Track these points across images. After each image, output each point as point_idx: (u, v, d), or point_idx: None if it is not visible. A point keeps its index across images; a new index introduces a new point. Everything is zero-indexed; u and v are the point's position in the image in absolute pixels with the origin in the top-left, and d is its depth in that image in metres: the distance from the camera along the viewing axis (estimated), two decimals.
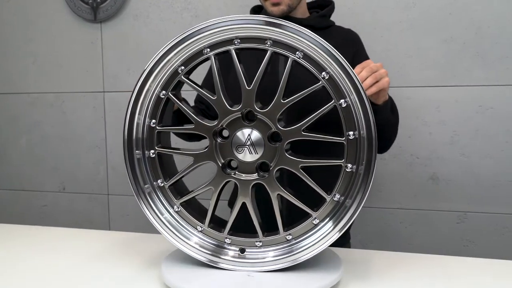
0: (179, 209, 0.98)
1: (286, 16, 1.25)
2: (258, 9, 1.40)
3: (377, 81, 0.94)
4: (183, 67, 0.94)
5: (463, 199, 1.73)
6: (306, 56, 0.87)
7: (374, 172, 0.84)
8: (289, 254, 0.92)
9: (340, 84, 0.86)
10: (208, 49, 0.92)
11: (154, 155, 0.97)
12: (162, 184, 0.98)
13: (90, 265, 1.05)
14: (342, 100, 0.86)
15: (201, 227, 0.97)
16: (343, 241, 1.24)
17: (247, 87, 0.89)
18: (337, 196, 0.89)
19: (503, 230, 1.71)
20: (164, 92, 0.95)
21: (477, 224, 1.73)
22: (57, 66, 2.15)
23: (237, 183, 0.93)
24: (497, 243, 1.72)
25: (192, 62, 0.93)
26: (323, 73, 0.86)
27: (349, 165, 0.87)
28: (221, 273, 0.93)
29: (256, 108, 0.89)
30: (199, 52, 0.92)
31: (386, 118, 1.07)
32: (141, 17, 2.03)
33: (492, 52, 1.65)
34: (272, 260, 0.93)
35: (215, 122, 0.93)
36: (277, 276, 0.90)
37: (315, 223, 0.91)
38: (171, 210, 0.99)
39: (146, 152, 0.98)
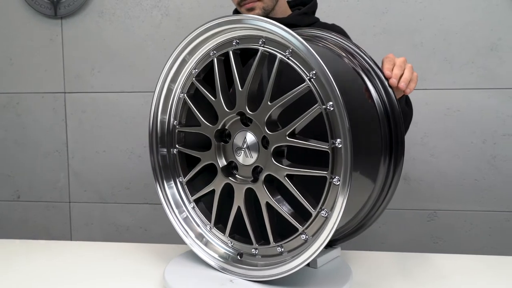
0: (193, 206, 0.98)
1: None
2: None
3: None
4: (196, 70, 0.93)
5: (433, 198, 1.81)
6: (295, 54, 0.79)
7: (351, 183, 0.72)
8: (280, 265, 0.85)
9: (328, 85, 0.74)
10: (214, 51, 0.90)
11: (176, 153, 0.99)
12: (181, 181, 0.99)
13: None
14: (330, 103, 0.74)
15: (210, 227, 0.96)
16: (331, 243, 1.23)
17: (240, 89, 0.86)
18: (325, 211, 0.77)
19: (470, 226, 1.80)
20: (183, 94, 0.96)
21: (446, 221, 1.81)
22: (11, 64, 1.98)
23: (233, 186, 0.91)
24: (463, 239, 1.81)
25: (202, 64, 0.92)
26: (311, 72, 0.76)
27: (336, 177, 0.75)
28: (211, 274, 0.91)
29: (248, 110, 0.85)
30: (208, 55, 0.91)
31: (403, 111, 1.01)
32: (106, 14, 1.92)
33: (459, 58, 1.74)
34: (263, 270, 0.88)
35: (216, 124, 0.90)
36: (263, 286, 0.86)
37: (304, 238, 0.81)
38: (189, 207, 0.99)
39: (171, 149, 1.00)
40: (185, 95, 0.95)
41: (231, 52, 0.87)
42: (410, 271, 1.00)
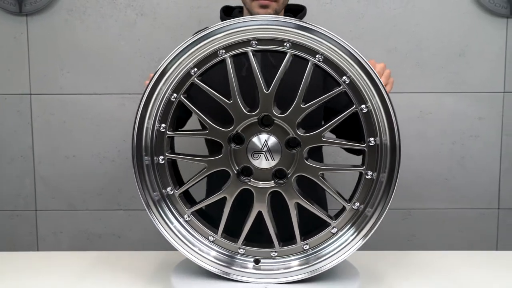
0: (189, 219, 0.93)
1: None
2: (228, 10, 1.35)
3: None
4: (196, 69, 0.88)
5: (407, 198, 1.87)
6: (326, 60, 0.85)
7: (398, 180, 0.88)
8: (307, 265, 0.90)
9: (362, 88, 0.86)
10: (223, 51, 0.87)
11: (163, 161, 0.90)
12: (172, 192, 0.92)
13: None
14: (363, 105, 0.86)
15: (213, 237, 0.92)
16: None
17: (265, 91, 0.86)
18: (357, 204, 0.90)
19: (442, 224, 1.88)
20: (175, 95, 0.89)
21: (419, 220, 1.89)
22: None
23: (253, 191, 0.90)
24: (436, 236, 1.89)
25: (206, 63, 0.88)
26: (344, 77, 0.85)
27: (369, 172, 0.88)
28: (235, 285, 0.89)
29: (275, 113, 0.86)
30: (214, 54, 0.88)
31: None
32: (76, 12, 1.83)
33: (430, 63, 1.82)
34: (288, 272, 0.90)
35: (231, 127, 0.88)
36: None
37: (334, 231, 0.91)
38: (181, 220, 0.93)
39: (155, 158, 0.91)
40: (181, 96, 0.90)
41: (250, 53, 0.86)
42: (409, 269, 1.03)
